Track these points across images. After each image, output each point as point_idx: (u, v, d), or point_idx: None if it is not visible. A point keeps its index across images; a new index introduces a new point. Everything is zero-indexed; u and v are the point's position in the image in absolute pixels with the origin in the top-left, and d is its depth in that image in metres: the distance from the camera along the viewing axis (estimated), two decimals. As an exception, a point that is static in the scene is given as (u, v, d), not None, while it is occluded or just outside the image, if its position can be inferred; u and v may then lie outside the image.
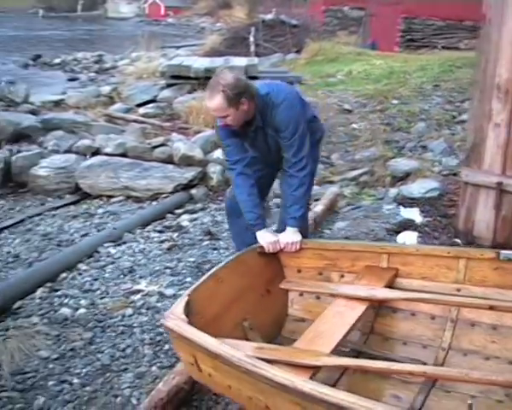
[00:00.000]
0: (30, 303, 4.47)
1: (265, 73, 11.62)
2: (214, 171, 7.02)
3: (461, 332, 3.32)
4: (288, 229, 3.86)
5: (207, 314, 3.26)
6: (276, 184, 4.71)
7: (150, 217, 6.07)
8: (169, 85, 10.71)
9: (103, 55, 20.92)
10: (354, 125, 8.73)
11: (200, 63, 10.70)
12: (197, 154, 7.07)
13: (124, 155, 7.57)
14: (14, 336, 3.91)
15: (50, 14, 48.25)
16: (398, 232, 5.60)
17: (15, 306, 4.43)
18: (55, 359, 3.76)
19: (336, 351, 3.02)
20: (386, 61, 13.89)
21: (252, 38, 18.00)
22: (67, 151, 7.90)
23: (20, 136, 9.09)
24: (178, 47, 23.15)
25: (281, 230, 4.03)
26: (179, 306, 3.09)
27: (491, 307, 3.18)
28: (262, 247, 3.80)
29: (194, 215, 6.28)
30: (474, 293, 3.33)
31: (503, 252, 3.36)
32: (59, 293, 4.61)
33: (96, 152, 7.80)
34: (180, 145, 7.13)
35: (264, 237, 3.80)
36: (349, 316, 3.25)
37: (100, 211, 6.54)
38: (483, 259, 3.37)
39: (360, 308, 3.32)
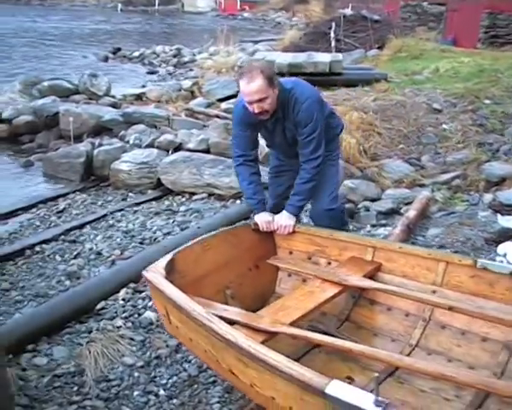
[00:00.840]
0: (113, 304, 4.34)
1: (349, 69, 11.26)
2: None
3: (430, 332, 3.44)
4: (284, 213, 4.08)
5: (189, 275, 3.57)
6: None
7: (235, 216, 5.80)
8: (250, 80, 10.46)
9: (181, 49, 20.90)
10: (444, 126, 8.26)
11: (283, 58, 10.44)
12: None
13: (206, 151, 7.40)
14: (97, 340, 3.77)
15: (129, 7, 48.91)
16: (497, 243, 5.22)
17: (98, 306, 4.31)
18: (141, 367, 3.60)
19: (301, 327, 3.28)
20: (473, 58, 13.26)
21: (332, 34, 17.58)
22: (149, 146, 7.79)
23: (101, 129, 9.13)
24: (256, 42, 22.91)
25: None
26: (161, 262, 3.44)
27: (461, 312, 3.27)
28: (256, 224, 4.08)
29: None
30: (448, 296, 3.41)
31: (481, 260, 3.46)
32: (143, 295, 4.46)
33: (178, 147, 7.67)
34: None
35: (260, 216, 4.07)
36: (318, 296, 3.44)
37: (182, 208, 6.38)
38: (461, 265, 3.45)
39: (331, 291, 3.49)
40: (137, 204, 6.61)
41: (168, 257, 3.51)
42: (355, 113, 7.75)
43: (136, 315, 4.14)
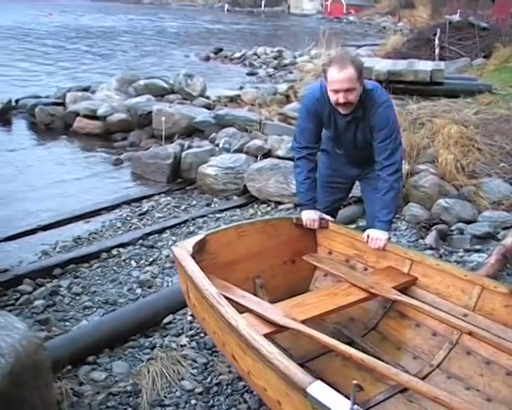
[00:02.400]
0: (180, 320, 4.14)
1: (451, 79, 10.67)
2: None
3: (454, 356, 3.32)
4: (379, 229, 3.84)
5: (220, 258, 3.62)
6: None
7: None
8: (348, 87, 10.08)
9: (283, 51, 20.78)
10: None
11: (382, 65, 10.00)
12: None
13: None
14: (158, 358, 3.57)
15: (235, 8, 49.53)
16: None
17: (166, 320, 4.13)
18: (199, 393, 3.36)
19: (325, 331, 3.18)
20: None
21: (437, 40, 16.90)
22: (238, 151, 7.61)
23: (193, 130, 9.07)
24: (359, 46, 22.46)
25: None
26: (191, 240, 3.52)
27: (489, 343, 3.10)
28: (299, 219, 4.03)
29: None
30: (478, 323, 3.25)
31: None
32: (212, 312, 4.23)
33: (267, 154, 7.45)
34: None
35: (307, 213, 4.00)
36: (340, 299, 3.37)
37: (266, 217, 6.11)
38: (496, 292, 3.28)
39: (355, 296, 3.41)
40: (221, 211, 6.44)
41: (200, 237, 3.60)
42: (454, 126, 7.25)
43: (202, 334, 3.90)
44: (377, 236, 3.79)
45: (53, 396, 2.94)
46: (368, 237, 3.83)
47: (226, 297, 3.00)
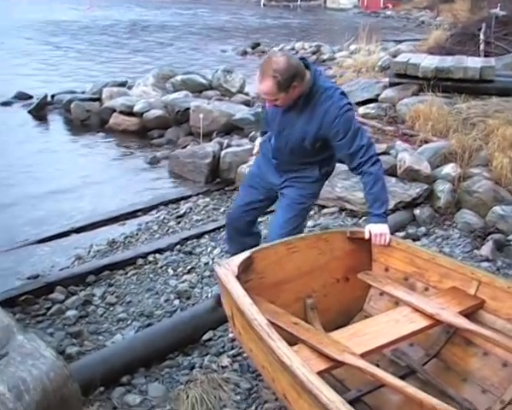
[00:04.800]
0: (222, 337, 3.86)
1: (502, 76, 10.15)
2: (443, 189, 5.93)
3: None
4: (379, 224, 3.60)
5: (269, 277, 3.32)
6: None
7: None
8: (393, 84, 9.63)
9: (321, 46, 20.36)
10: None
11: (429, 62, 9.50)
12: (424, 168, 6.02)
13: (339, 160, 6.78)
14: (198, 382, 3.27)
15: (271, 2, 49.12)
16: None
17: (205, 337, 3.85)
18: (243, 424, 3.06)
19: (382, 359, 3.08)
20: None
21: (482, 36, 16.32)
22: (278, 150, 7.29)
23: (232, 128, 8.82)
24: (399, 41, 21.89)
25: None
26: (237, 258, 3.19)
27: None
28: (353, 232, 3.71)
29: (418, 242, 5.29)
30: None
31: None
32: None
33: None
34: (405, 156, 6.13)
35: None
36: (403, 327, 3.05)
37: (310, 223, 5.73)
38: None
39: (420, 323, 3.09)
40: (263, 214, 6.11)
41: (245, 255, 3.27)
42: (510, 127, 6.81)
43: (245, 354, 3.60)
44: (380, 231, 3.59)
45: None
46: (370, 233, 3.60)
47: (276, 325, 2.76)
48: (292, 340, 2.74)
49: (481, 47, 16.02)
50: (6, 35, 21.11)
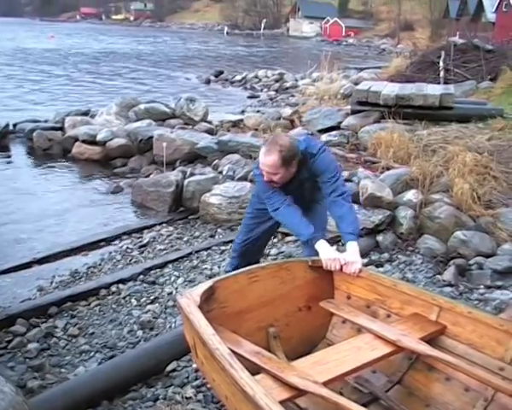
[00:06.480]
0: (186, 367, 3.82)
1: (460, 103, 10.40)
2: (405, 215, 6.01)
3: None
4: (350, 246, 3.72)
5: (230, 307, 3.33)
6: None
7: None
8: (354, 112, 9.79)
9: (284, 74, 20.62)
10: None
11: (389, 89, 9.70)
12: (386, 195, 6.10)
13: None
14: (162, 414, 3.25)
15: (235, 31, 49.65)
16: None
17: (169, 368, 3.81)
18: (206, 457, 3.04)
19: (345, 386, 3.09)
20: None
21: (441, 63, 16.67)
22: (242, 178, 7.33)
23: (195, 156, 8.81)
24: (361, 69, 22.28)
25: None
26: (199, 289, 3.20)
27: None
28: (315, 261, 3.71)
29: (381, 269, 5.35)
30: None
31: None
32: (220, 358, 3.91)
33: (273, 182, 7.15)
34: (367, 183, 6.20)
35: (327, 252, 3.71)
36: (365, 354, 3.06)
37: (273, 251, 5.79)
38: None
39: (382, 350, 3.10)
40: (225, 243, 6.10)
41: (207, 284, 3.29)
42: (469, 153, 6.95)
43: (209, 384, 3.59)
44: (352, 259, 3.68)
45: None
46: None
47: (238, 355, 2.75)
48: (255, 369, 2.73)
49: (441, 74, 16.37)
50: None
